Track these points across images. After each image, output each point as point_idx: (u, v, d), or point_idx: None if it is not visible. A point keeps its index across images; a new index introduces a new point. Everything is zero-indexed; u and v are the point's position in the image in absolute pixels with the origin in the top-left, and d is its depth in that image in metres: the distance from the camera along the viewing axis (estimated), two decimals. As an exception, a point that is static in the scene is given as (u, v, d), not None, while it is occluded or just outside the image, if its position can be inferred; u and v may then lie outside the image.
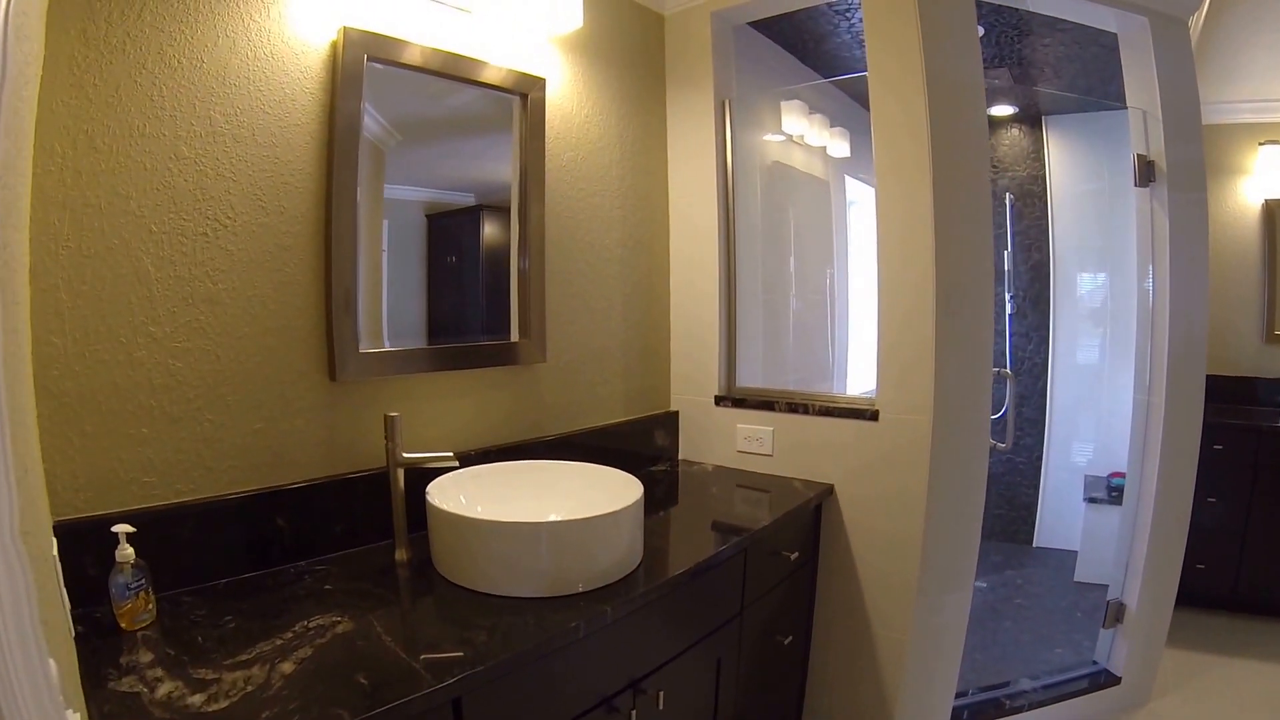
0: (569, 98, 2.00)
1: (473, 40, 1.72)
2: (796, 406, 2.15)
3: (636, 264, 2.27)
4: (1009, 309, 3.81)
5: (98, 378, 1.19)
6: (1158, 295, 2.37)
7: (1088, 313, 3.92)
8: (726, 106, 2.30)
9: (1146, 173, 2.35)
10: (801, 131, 2.91)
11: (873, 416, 1.97)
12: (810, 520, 2.05)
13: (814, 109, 3.00)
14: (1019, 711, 2.32)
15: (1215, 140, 3.43)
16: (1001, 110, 3.85)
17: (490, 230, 1.84)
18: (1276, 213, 3.56)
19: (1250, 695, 2.57)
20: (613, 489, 1.51)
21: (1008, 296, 3.79)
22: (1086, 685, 2.46)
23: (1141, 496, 2.43)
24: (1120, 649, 2.49)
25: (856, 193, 3.31)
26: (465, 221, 1.81)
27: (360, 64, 1.48)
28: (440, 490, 1.44)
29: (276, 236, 1.41)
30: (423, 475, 1.47)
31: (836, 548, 2.07)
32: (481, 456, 1.73)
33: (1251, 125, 3.54)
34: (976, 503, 2.02)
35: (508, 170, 1.84)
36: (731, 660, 1.69)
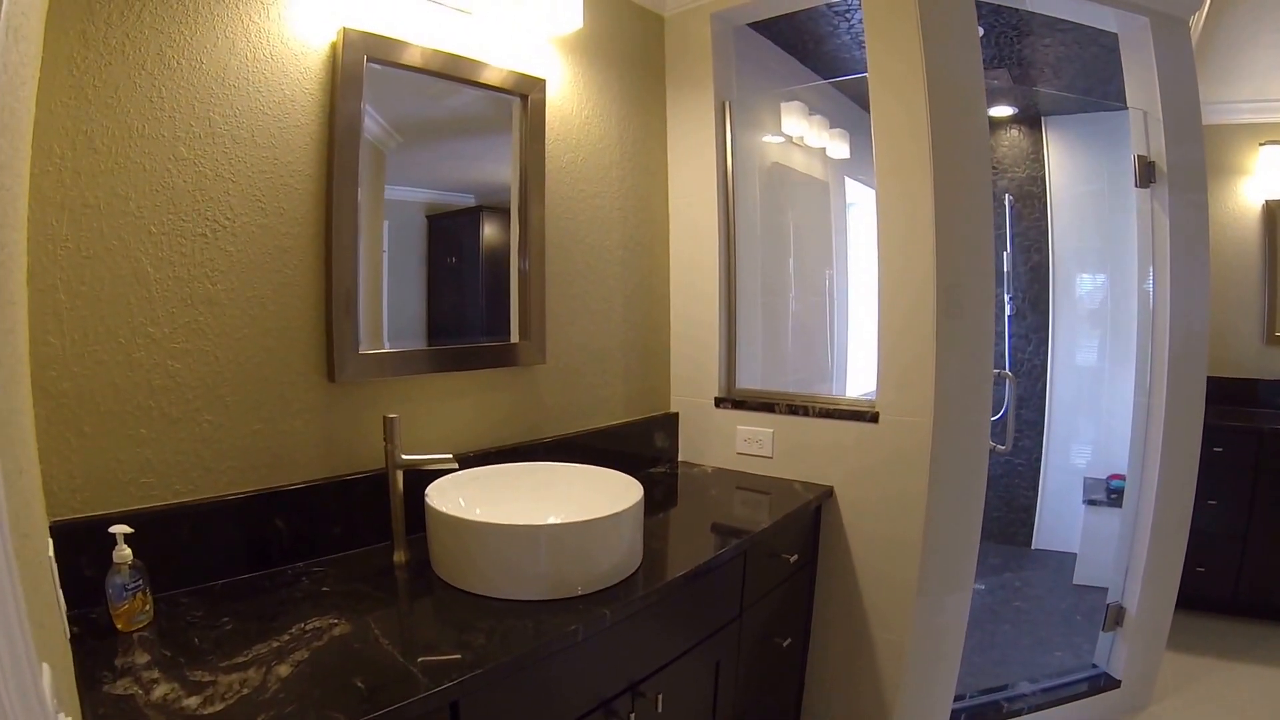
0: (569, 99, 1.99)
1: (473, 41, 1.72)
2: (796, 408, 2.14)
3: (636, 265, 2.27)
4: (1008, 310, 3.81)
5: (96, 378, 1.19)
6: (1158, 296, 2.37)
7: (1087, 314, 3.92)
8: (726, 108, 2.30)
9: (1147, 173, 2.35)
10: (801, 133, 2.91)
11: (873, 418, 1.97)
12: (810, 522, 2.05)
13: (814, 110, 3.00)
14: (1018, 715, 2.32)
15: (1216, 140, 3.42)
16: (1001, 111, 3.85)
17: (490, 231, 1.84)
18: (1277, 213, 3.55)
19: (1251, 699, 2.57)
20: (612, 491, 1.50)
21: (1007, 298, 3.79)
22: (1086, 688, 2.46)
23: (1141, 499, 2.43)
24: (1120, 652, 2.48)
25: (856, 194, 3.31)
26: (465, 222, 1.81)
27: (360, 65, 1.48)
28: (439, 492, 1.43)
29: (276, 238, 1.41)
30: (422, 477, 1.46)
31: (836, 550, 2.06)
32: (481, 458, 1.72)
33: (1252, 125, 3.53)
34: (976, 505, 2.02)
35: (508, 171, 1.84)
36: (730, 663, 1.68)
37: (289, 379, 1.44)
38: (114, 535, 1.10)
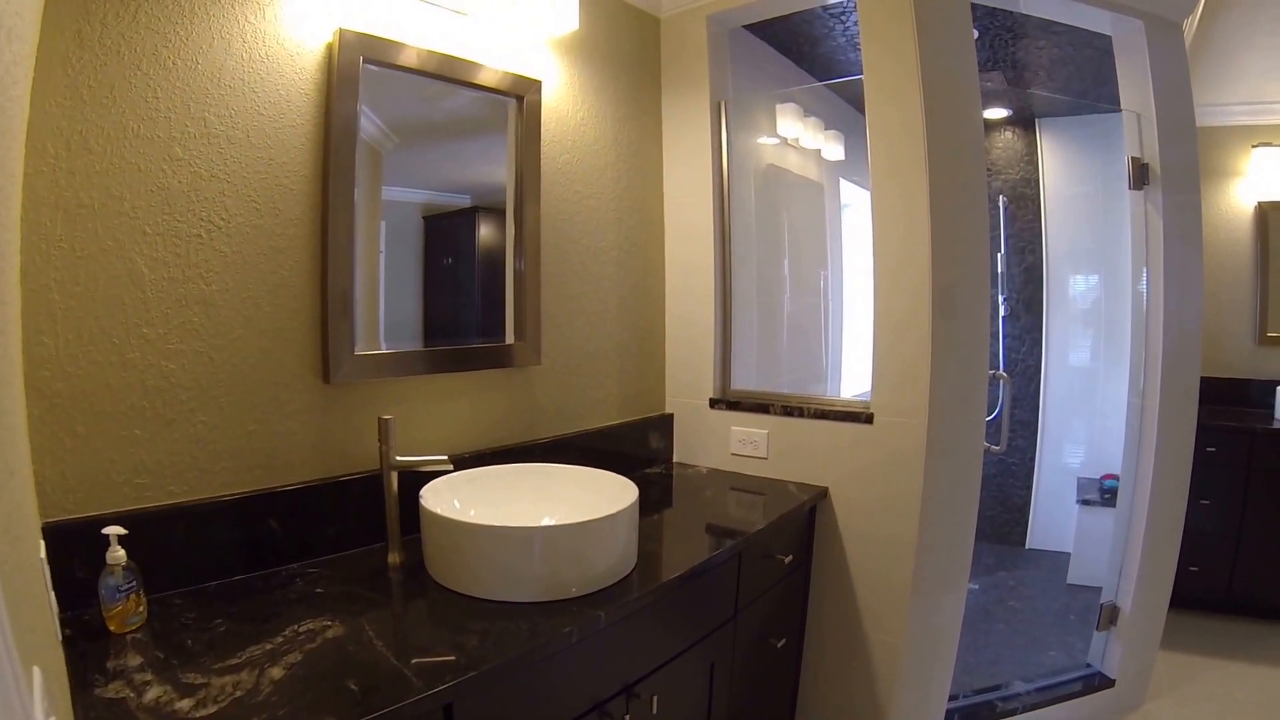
0: (565, 100, 1.99)
1: (469, 42, 1.72)
2: (791, 409, 2.15)
3: (631, 266, 2.27)
4: (1002, 311, 3.82)
5: (90, 379, 1.18)
6: (1151, 297, 2.38)
7: (1080, 315, 3.94)
8: (722, 109, 2.30)
9: (1141, 175, 2.36)
10: (796, 134, 2.92)
11: (868, 419, 1.98)
12: (804, 523, 2.05)
13: (809, 112, 3.01)
14: (1012, 714, 2.33)
15: (1209, 142, 3.44)
16: (995, 113, 3.87)
17: (486, 232, 1.84)
18: (1270, 215, 3.57)
19: (1244, 698, 2.58)
20: (607, 493, 1.50)
21: (1001, 299, 3.80)
22: (1080, 688, 2.47)
23: (1135, 498, 2.44)
24: (1114, 651, 2.49)
25: (850, 196, 3.32)
26: (461, 223, 1.81)
27: (356, 66, 1.48)
28: (434, 493, 1.43)
29: (271, 238, 1.40)
30: (417, 478, 1.46)
31: (831, 551, 2.07)
32: (476, 459, 1.72)
33: (1245, 128, 3.55)
34: (971, 506, 2.02)
35: (503, 172, 1.84)
36: (725, 664, 1.69)
37: (284, 380, 1.43)
38: (107, 537, 1.10)
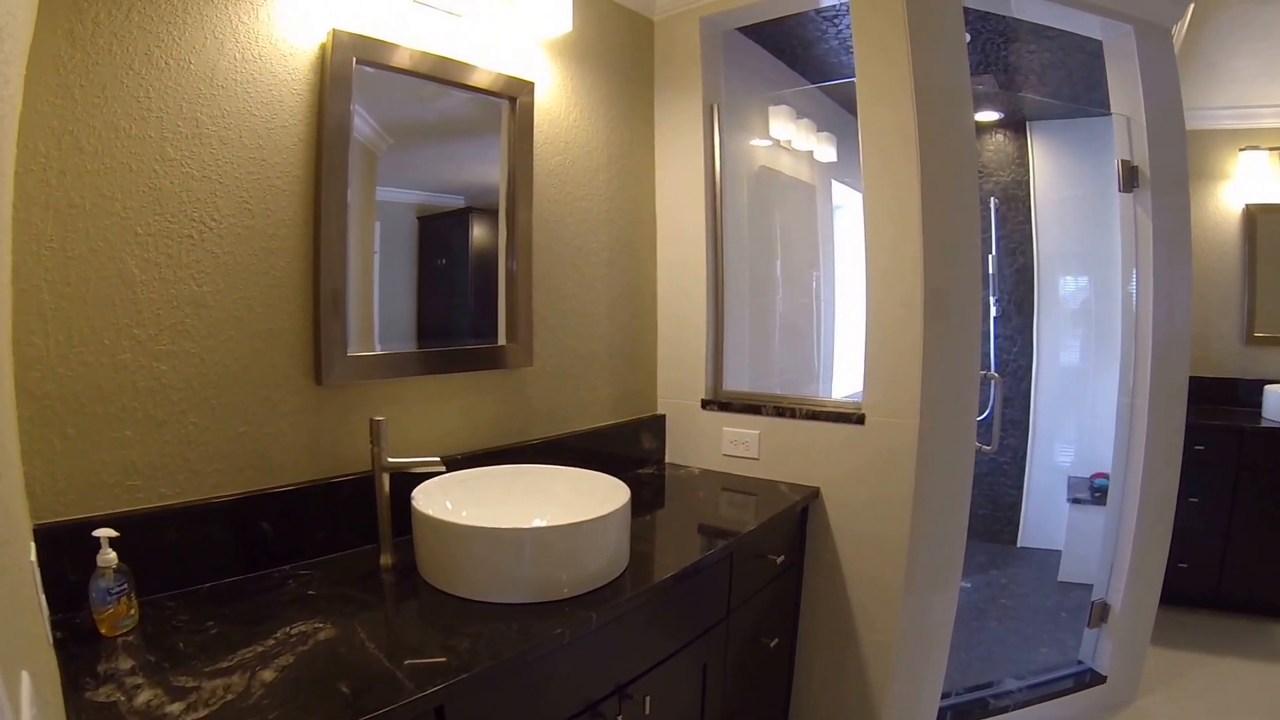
0: (558, 102, 2.00)
1: (462, 44, 1.72)
2: (783, 410, 2.15)
3: (624, 267, 2.28)
4: (994, 312, 3.85)
5: (81, 380, 1.18)
6: (1141, 298, 2.40)
7: (1071, 315, 3.96)
8: (715, 111, 2.31)
9: (1131, 178, 2.38)
10: (789, 136, 2.93)
11: (859, 420, 1.98)
12: (796, 524, 2.06)
13: (801, 114, 3.01)
14: (1005, 711, 2.34)
15: (1197, 146, 3.47)
16: (987, 116, 3.89)
17: (479, 233, 1.83)
18: (1257, 217, 3.61)
19: (1234, 693, 2.61)
20: (599, 494, 1.50)
21: (992, 299, 3.82)
22: (1072, 684, 2.49)
23: (1125, 497, 2.46)
24: (1105, 648, 2.52)
25: (843, 197, 3.33)
26: (455, 224, 1.80)
27: (349, 67, 1.48)
28: (425, 495, 1.43)
29: (263, 239, 1.40)
30: (410, 479, 1.46)
31: (823, 551, 2.07)
32: (468, 460, 1.72)
33: (1233, 131, 3.59)
34: (962, 506, 2.03)
35: (497, 173, 1.84)
36: (718, 664, 1.69)
37: (276, 381, 1.43)
38: (98, 539, 1.09)
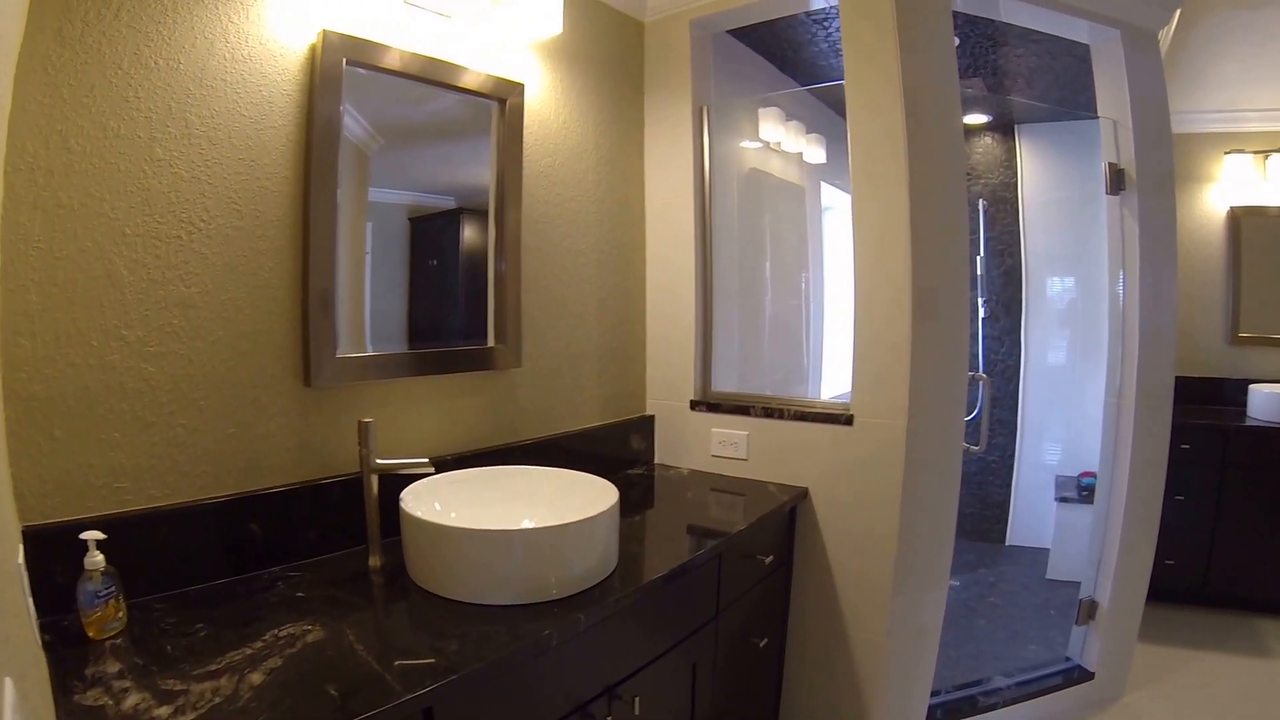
0: (547, 103, 2.00)
1: (452, 45, 1.72)
2: (771, 411, 2.16)
3: (613, 269, 2.28)
4: (982, 313, 3.87)
5: (68, 381, 1.17)
6: (1128, 299, 2.43)
7: (1058, 316, 4.00)
8: (704, 113, 2.31)
9: (1118, 180, 2.40)
10: (778, 138, 2.94)
11: (847, 421, 1.99)
12: (785, 524, 2.06)
13: (791, 116, 3.02)
14: (994, 709, 2.36)
15: (1183, 149, 3.51)
16: (975, 118, 3.91)
17: (469, 234, 1.83)
18: (1241, 219, 3.65)
19: (1220, 688, 2.63)
20: (588, 495, 1.51)
21: (980, 300, 3.85)
22: (1060, 681, 2.51)
23: (1112, 495, 2.48)
24: (1093, 645, 2.54)
25: (832, 199, 3.34)
26: (446, 225, 1.80)
27: (339, 68, 1.47)
28: (414, 496, 1.43)
29: (252, 240, 1.40)
30: (399, 480, 1.46)
31: (812, 551, 2.08)
32: (458, 461, 1.72)
33: (1218, 135, 3.63)
34: (950, 505, 2.05)
35: (487, 174, 1.84)
36: (707, 664, 1.69)
37: (264, 383, 1.43)
38: (85, 541, 1.09)
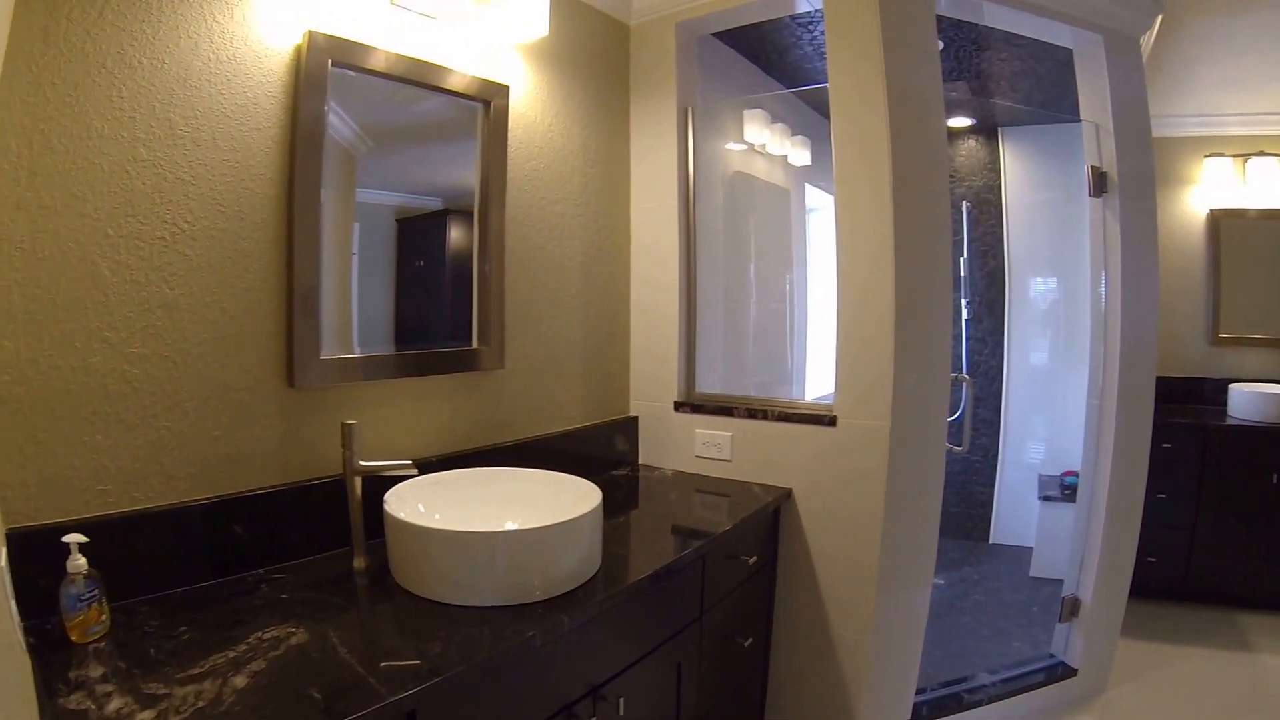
0: (533, 105, 2.00)
1: (438, 47, 1.72)
2: (755, 412, 2.17)
3: (597, 270, 2.28)
4: (965, 314, 3.91)
5: (51, 383, 1.17)
6: (1109, 300, 2.45)
7: (1041, 317, 4.04)
8: (689, 115, 2.32)
9: (1100, 183, 2.43)
10: (763, 140, 2.95)
11: (831, 422, 2.00)
12: (769, 524, 2.08)
13: (776, 118, 3.04)
14: (978, 705, 2.38)
15: (1164, 152, 3.56)
16: (959, 122, 3.95)
17: (456, 235, 1.84)
18: (1221, 221, 3.70)
19: (1202, 682, 2.67)
20: (572, 496, 1.51)
21: (964, 302, 3.88)
22: (1044, 678, 2.54)
23: (1095, 494, 2.51)
24: (1076, 641, 2.57)
25: (817, 200, 3.36)
26: (432, 226, 1.80)
27: (324, 69, 1.47)
28: (398, 498, 1.42)
29: (236, 241, 1.39)
30: (383, 482, 1.46)
31: (796, 551, 2.09)
32: (442, 463, 1.72)
33: (1198, 138, 3.68)
34: (934, 505, 2.06)
35: (472, 176, 1.84)
36: (692, 664, 1.70)
37: (248, 385, 1.42)
38: (68, 544, 1.08)
